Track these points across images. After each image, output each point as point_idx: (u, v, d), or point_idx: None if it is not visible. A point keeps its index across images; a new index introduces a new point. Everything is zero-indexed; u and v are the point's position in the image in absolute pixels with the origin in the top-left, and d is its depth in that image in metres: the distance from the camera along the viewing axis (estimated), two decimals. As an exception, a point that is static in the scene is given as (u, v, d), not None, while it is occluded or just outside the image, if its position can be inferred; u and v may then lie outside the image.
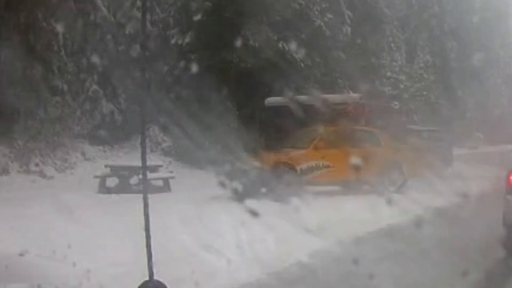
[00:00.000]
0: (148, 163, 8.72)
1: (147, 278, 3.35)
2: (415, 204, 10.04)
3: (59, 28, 20.63)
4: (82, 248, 7.22)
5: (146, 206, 4.03)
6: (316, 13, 27.90)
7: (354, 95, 20.49)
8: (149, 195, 3.46)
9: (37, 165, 16.84)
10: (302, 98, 19.67)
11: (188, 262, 6.37)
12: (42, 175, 16.55)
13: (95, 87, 22.42)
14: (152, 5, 23.39)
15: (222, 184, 11.93)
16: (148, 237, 3.35)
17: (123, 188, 13.99)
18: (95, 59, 22.77)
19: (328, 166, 12.93)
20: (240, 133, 20.82)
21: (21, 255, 6.46)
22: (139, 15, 22.86)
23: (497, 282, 6.38)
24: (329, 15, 28.67)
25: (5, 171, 15.83)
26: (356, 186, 13.23)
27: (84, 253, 6.83)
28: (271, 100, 18.17)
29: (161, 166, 16.51)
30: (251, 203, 10.56)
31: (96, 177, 15.02)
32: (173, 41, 23.83)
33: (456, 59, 43.59)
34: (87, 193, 13.15)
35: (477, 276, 5.93)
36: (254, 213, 6.76)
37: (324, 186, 13.32)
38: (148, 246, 3.34)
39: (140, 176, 12.72)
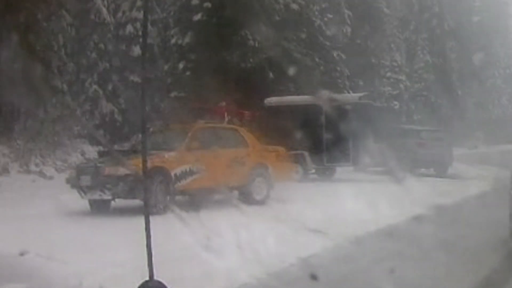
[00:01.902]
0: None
1: (147, 278, 3.34)
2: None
3: (59, 28, 20.64)
4: (82, 248, 7.23)
5: (146, 205, 4.04)
6: (316, 13, 27.91)
7: (354, 95, 20.49)
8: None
9: (37, 165, 16.83)
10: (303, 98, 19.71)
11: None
12: (42, 175, 16.54)
13: (95, 87, 22.43)
14: (152, 5, 23.40)
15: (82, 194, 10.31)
16: (148, 237, 3.34)
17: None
18: (95, 59, 22.79)
19: (201, 171, 10.95)
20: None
21: (21, 255, 6.46)
22: (139, 15, 22.92)
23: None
24: (329, 15, 28.70)
25: (5, 171, 15.82)
26: (226, 195, 11.58)
27: (84, 253, 6.83)
28: (271, 100, 18.16)
29: None
30: (106, 217, 9.68)
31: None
32: (173, 41, 23.83)
33: (456, 59, 43.58)
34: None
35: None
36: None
37: (196, 195, 11.26)
38: (148, 246, 3.33)
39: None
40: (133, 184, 9.72)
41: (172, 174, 10.40)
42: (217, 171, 11.02)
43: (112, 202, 10.53)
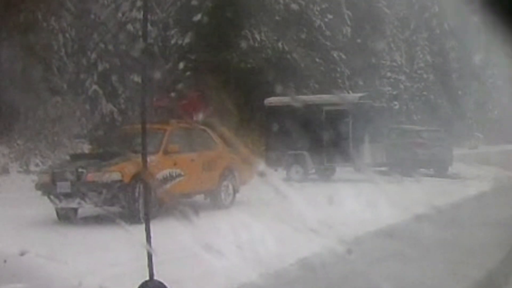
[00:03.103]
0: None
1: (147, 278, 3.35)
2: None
3: (59, 28, 20.65)
4: (81, 248, 7.24)
5: (147, 205, 4.05)
6: (316, 13, 27.92)
7: (354, 95, 20.49)
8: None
9: (37, 165, 16.83)
10: (302, 98, 19.73)
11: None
12: (42, 175, 16.54)
13: (95, 87, 22.43)
14: (152, 5, 23.40)
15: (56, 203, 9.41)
16: (148, 237, 3.35)
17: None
18: (95, 59, 22.80)
19: (180, 175, 10.21)
20: (241, 132, 20.88)
21: (21, 255, 6.46)
22: (139, 15, 22.92)
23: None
24: (329, 15, 28.70)
25: (5, 171, 15.82)
26: (200, 199, 11.24)
27: (84, 253, 6.84)
28: (271, 100, 18.16)
29: None
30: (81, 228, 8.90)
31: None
32: (173, 41, 23.85)
33: (456, 59, 43.55)
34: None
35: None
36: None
37: (177, 200, 10.40)
38: (148, 246, 3.34)
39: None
40: (118, 192, 9.11)
41: (155, 180, 9.49)
42: (194, 175, 10.51)
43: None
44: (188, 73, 22.99)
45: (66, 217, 9.57)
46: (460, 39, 43.78)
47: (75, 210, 9.68)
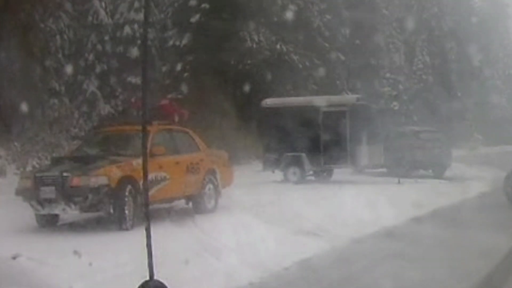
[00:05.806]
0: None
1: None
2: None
3: (57, 29, 20.62)
4: (82, 249, 7.19)
5: (146, 206, 4.01)
6: (315, 14, 27.90)
7: (351, 96, 20.45)
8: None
9: (34, 167, 16.79)
10: (300, 99, 19.69)
11: None
12: (39, 177, 16.48)
13: (92, 88, 22.40)
14: (150, 6, 23.39)
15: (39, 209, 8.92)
16: (148, 237, 3.32)
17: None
18: (92, 60, 22.78)
19: (165, 179, 9.76)
20: (239, 134, 20.85)
21: (14, 258, 6.42)
22: (136, 16, 22.90)
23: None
24: (328, 16, 28.68)
25: (2, 172, 15.76)
26: (182, 204, 10.84)
27: (76, 257, 6.79)
28: (268, 102, 18.10)
29: None
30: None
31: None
32: (171, 42, 23.82)
33: (455, 59, 43.54)
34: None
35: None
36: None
37: (162, 204, 10.19)
38: (149, 246, 3.32)
39: None
40: (104, 197, 8.69)
41: (141, 184, 8.80)
42: (179, 178, 10.15)
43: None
44: (186, 74, 22.96)
45: (47, 224, 9.16)
46: (459, 40, 43.81)
47: (56, 216, 9.28)
